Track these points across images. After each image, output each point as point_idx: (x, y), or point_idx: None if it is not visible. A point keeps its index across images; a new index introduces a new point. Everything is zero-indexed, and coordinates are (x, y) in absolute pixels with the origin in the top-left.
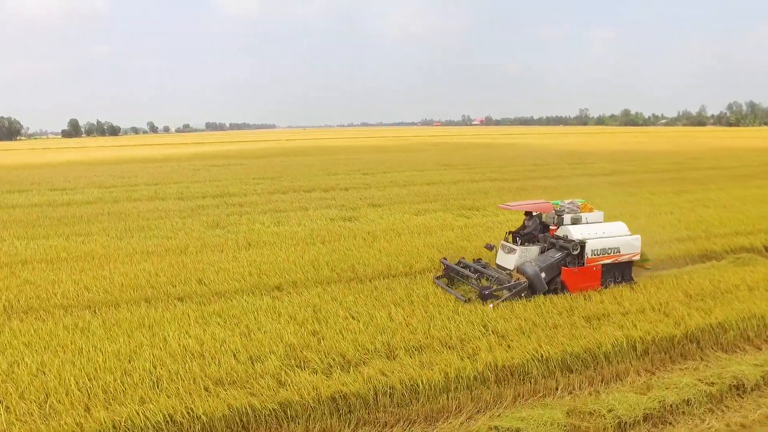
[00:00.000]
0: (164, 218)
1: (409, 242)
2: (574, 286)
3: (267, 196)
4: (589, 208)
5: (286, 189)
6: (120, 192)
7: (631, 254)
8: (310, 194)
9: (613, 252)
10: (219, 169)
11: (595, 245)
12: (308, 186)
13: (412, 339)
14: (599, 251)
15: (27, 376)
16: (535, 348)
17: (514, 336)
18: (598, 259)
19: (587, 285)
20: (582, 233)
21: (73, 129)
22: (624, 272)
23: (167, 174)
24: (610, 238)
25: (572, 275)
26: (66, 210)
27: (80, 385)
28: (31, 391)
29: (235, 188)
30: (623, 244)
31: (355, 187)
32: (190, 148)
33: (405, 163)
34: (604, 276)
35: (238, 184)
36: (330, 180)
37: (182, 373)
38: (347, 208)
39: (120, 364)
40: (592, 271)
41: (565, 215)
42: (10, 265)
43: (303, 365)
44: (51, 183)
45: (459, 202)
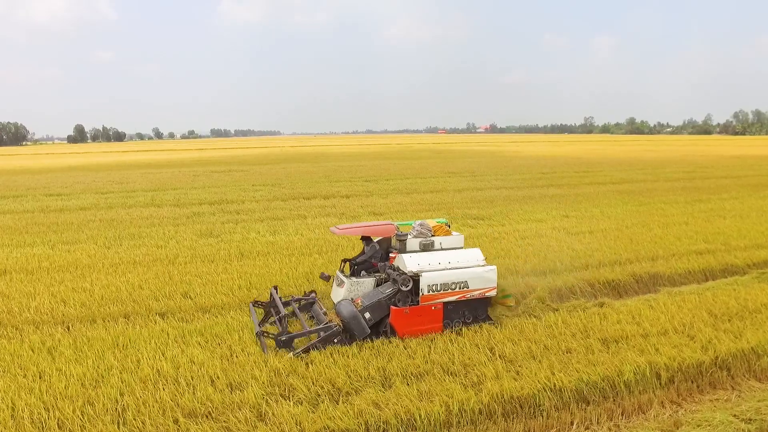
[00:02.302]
0: (157, 226)
1: None
2: (405, 330)
3: (265, 203)
4: (445, 230)
5: (285, 196)
6: (116, 198)
7: (483, 289)
8: (309, 202)
9: (460, 287)
10: (219, 176)
11: (433, 279)
12: (308, 193)
13: (411, 364)
14: (439, 286)
15: None
16: (547, 376)
17: (523, 361)
18: (439, 295)
19: (423, 328)
20: (419, 264)
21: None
22: (477, 311)
23: (166, 180)
24: (454, 270)
25: (402, 317)
26: (57, 216)
27: (34, 417)
28: None
29: (233, 195)
30: (473, 277)
31: (356, 194)
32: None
33: (408, 171)
34: (449, 316)
35: (236, 191)
36: (331, 187)
37: (151, 403)
38: (347, 217)
39: (83, 391)
40: (430, 311)
41: (409, 240)
42: None
43: (288, 394)
44: (47, 188)
45: (463, 211)
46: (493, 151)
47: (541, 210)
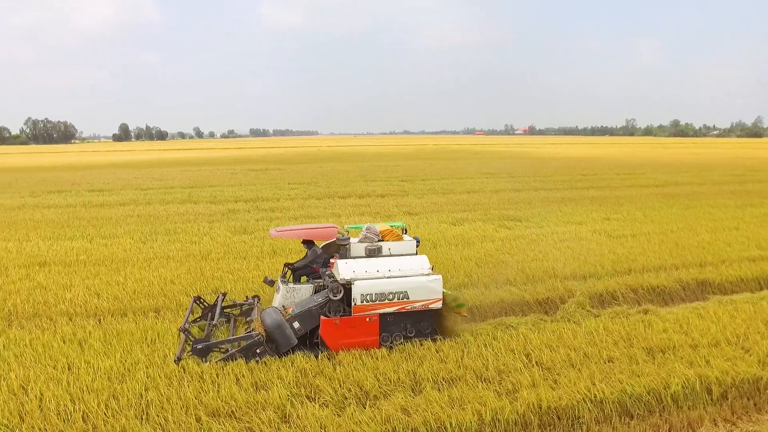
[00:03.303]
0: (192, 222)
1: (445, 254)
2: (335, 342)
3: (300, 202)
4: (396, 235)
5: (320, 195)
6: (154, 194)
7: (426, 301)
8: (344, 201)
9: (398, 298)
10: (256, 174)
11: (367, 288)
12: (343, 192)
13: (442, 369)
14: (374, 296)
15: (6, 394)
16: (587, 386)
17: (561, 369)
18: (374, 306)
19: (356, 341)
20: (354, 271)
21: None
22: (422, 324)
23: (204, 177)
24: (393, 279)
25: (332, 328)
26: (98, 211)
27: (60, 408)
28: (6, 414)
29: (269, 193)
30: (414, 288)
31: (391, 194)
32: (232, 153)
33: (445, 171)
34: (387, 329)
35: (272, 189)
36: (367, 186)
37: (174, 400)
38: (382, 216)
39: (109, 384)
40: (364, 323)
41: (354, 244)
42: (28, 266)
43: (313, 396)
44: (90, 184)
45: (500, 212)
46: (531, 153)
47: (581, 212)
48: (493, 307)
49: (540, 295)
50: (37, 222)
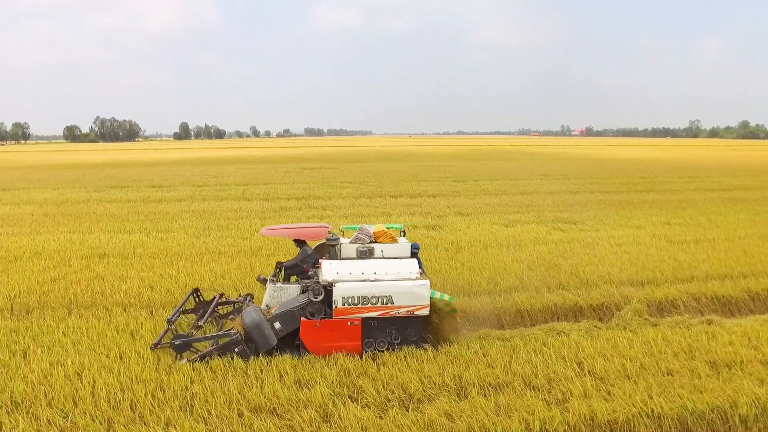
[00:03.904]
0: (245, 218)
1: (496, 256)
2: (316, 345)
3: (351, 200)
4: (390, 237)
5: (372, 194)
6: (210, 191)
7: (412, 307)
8: (395, 200)
9: (382, 302)
10: (309, 172)
11: (349, 290)
12: (395, 192)
13: (489, 374)
14: (356, 299)
15: (62, 379)
16: (643, 399)
17: (616, 380)
18: (355, 310)
19: (337, 345)
20: (338, 272)
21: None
22: (408, 331)
23: (259, 175)
24: (377, 282)
25: (312, 330)
26: (156, 206)
27: (110, 396)
28: (60, 399)
29: (321, 191)
30: (399, 292)
31: (443, 194)
32: (287, 152)
33: (498, 172)
34: (371, 334)
35: (324, 188)
36: (418, 186)
37: (218, 394)
38: (432, 216)
39: (157, 375)
40: (346, 327)
41: (345, 245)
42: (89, 257)
43: (356, 396)
44: (151, 180)
45: (554, 214)
46: (588, 154)
47: (640, 216)
48: (544, 312)
49: (594, 301)
50: (99, 215)
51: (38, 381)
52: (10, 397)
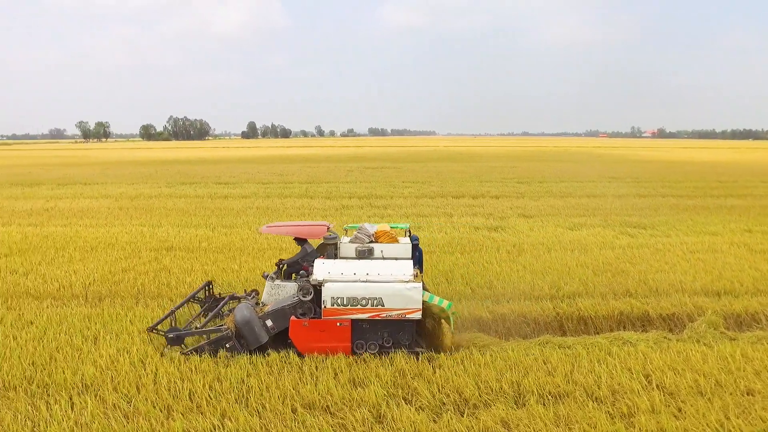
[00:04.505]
0: (307, 216)
1: (560, 259)
2: (304, 345)
3: (413, 200)
4: (390, 237)
5: (433, 194)
6: (274, 188)
7: (403, 310)
8: (457, 200)
9: (372, 304)
10: (372, 172)
11: (338, 291)
12: (457, 192)
13: (549, 382)
14: (346, 300)
15: (127, 365)
16: (719, 420)
17: (687, 397)
18: (345, 311)
19: (326, 345)
20: (329, 272)
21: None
22: (400, 335)
23: (322, 174)
24: (366, 283)
25: (301, 330)
26: (222, 202)
27: (171, 385)
28: (125, 384)
29: (382, 191)
30: (390, 294)
31: (506, 195)
32: (350, 151)
33: (564, 174)
34: (362, 336)
35: (386, 187)
36: (481, 187)
37: (273, 389)
38: (495, 217)
39: (215, 367)
40: (335, 328)
41: (344, 244)
42: (157, 250)
43: (410, 398)
44: (218, 177)
45: (623, 218)
46: (660, 157)
47: (717, 222)
48: (610, 320)
49: (664, 311)
50: (168, 210)
51: (106, 366)
52: (81, 379)
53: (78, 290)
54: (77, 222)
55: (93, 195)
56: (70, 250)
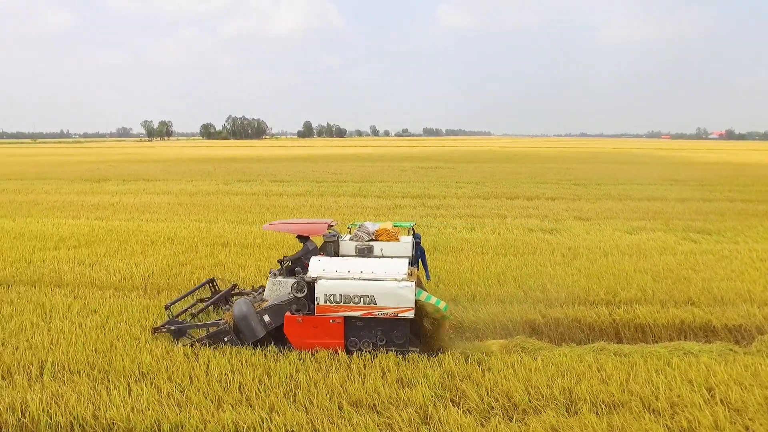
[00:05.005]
0: (359, 214)
1: (617, 264)
2: (298, 340)
3: (466, 201)
4: (390, 235)
5: (487, 195)
6: (328, 187)
7: (395, 309)
8: (512, 202)
9: (365, 302)
10: (425, 171)
11: (331, 288)
12: (511, 193)
13: (603, 390)
14: (338, 297)
15: (181, 356)
16: None
17: (756, 415)
18: (338, 308)
19: (319, 342)
20: (324, 269)
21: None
22: (394, 334)
23: (375, 173)
24: (359, 281)
25: (295, 325)
26: (277, 200)
27: (222, 377)
28: (179, 374)
29: (436, 191)
30: (381, 293)
31: (562, 197)
32: (404, 150)
33: (623, 176)
34: (356, 334)
35: (439, 187)
36: (536, 189)
37: (320, 385)
38: (550, 219)
39: (265, 361)
40: (328, 324)
41: (344, 242)
42: (213, 245)
43: (458, 400)
44: (274, 175)
45: (685, 223)
46: (727, 159)
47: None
48: (669, 329)
49: (730, 321)
50: (225, 206)
51: (162, 356)
52: (138, 368)
53: (138, 282)
54: (139, 216)
55: (155, 191)
56: (132, 243)
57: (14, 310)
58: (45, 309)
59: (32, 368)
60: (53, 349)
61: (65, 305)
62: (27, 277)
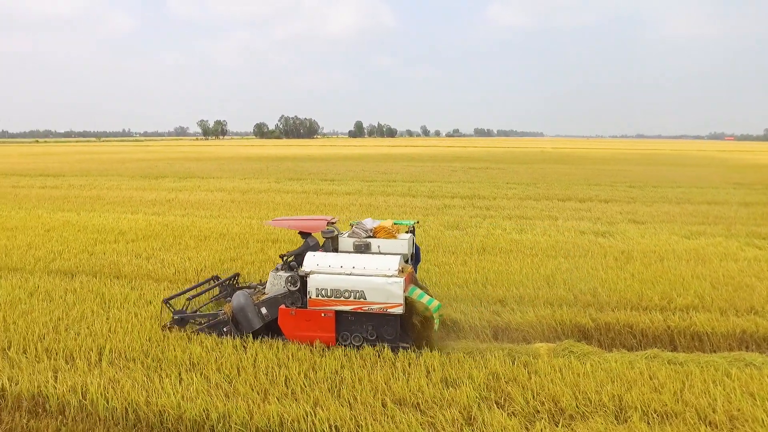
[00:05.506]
0: (408, 214)
1: (673, 269)
2: (291, 333)
3: (517, 202)
4: (388, 232)
5: (538, 196)
6: (377, 186)
7: (384, 304)
8: (563, 203)
9: (355, 297)
10: (476, 172)
11: (323, 282)
12: (563, 195)
13: (655, 399)
14: (329, 292)
15: (230, 348)
16: None
17: None
18: (329, 302)
19: (311, 335)
20: (318, 264)
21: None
22: (384, 329)
23: (425, 173)
24: (349, 276)
25: (288, 318)
26: (326, 198)
27: (268, 369)
28: (227, 366)
29: (486, 191)
30: (371, 288)
31: (616, 200)
32: (454, 151)
33: (682, 178)
34: (348, 328)
35: (490, 188)
36: (589, 191)
37: (365, 381)
38: (603, 222)
39: (311, 356)
40: (320, 318)
41: (343, 239)
42: (263, 241)
43: (503, 402)
44: (324, 174)
45: (749, 228)
46: None
47: None
48: (729, 338)
49: None
50: (276, 204)
51: (211, 347)
52: (189, 358)
53: (191, 275)
54: (193, 212)
55: (209, 188)
56: (186, 238)
57: (77, 299)
58: (104, 298)
59: (92, 354)
60: (111, 337)
61: (123, 295)
62: (89, 267)
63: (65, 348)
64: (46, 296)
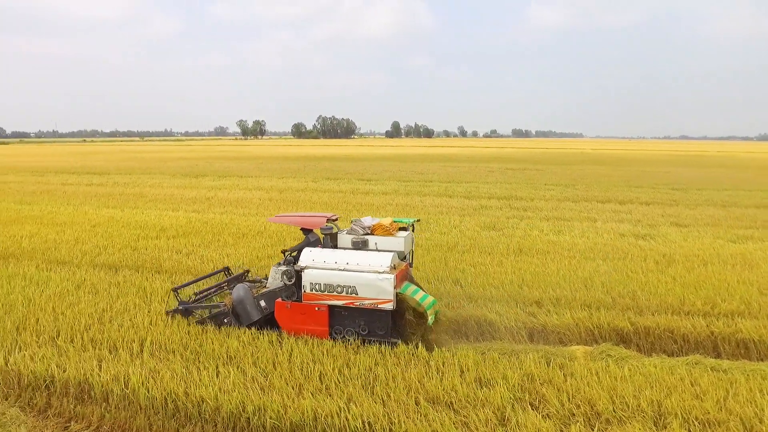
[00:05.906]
0: (445, 214)
1: (717, 274)
2: (287, 325)
3: (555, 203)
4: (385, 230)
5: (577, 198)
6: (414, 186)
7: (375, 300)
8: (603, 205)
9: (347, 292)
10: (513, 173)
11: (316, 277)
12: (603, 197)
13: (697, 407)
14: (323, 286)
15: (266, 343)
16: None
17: None
18: (322, 296)
19: (306, 328)
20: (313, 259)
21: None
22: (376, 325)
23: (462, 173)
24: (341, 271)
25: (284, 311)
26: (363, 198)
27: (303, 365)
28: (263, 360)
29: (523, 192)
30: (362, 284)
31: (658, 202)
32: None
33: (729, 181)
34: (341, 322)
35: (527, 189)
36: (630, 192)
37: (399, 379)
38: (643, 225)
39: (345, 353)
40: (313, 312)
41: (340, 236)
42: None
43: (537, 404)
44: (361, 174)
45: None
46: None
47: None
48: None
49: None
50: (313, 203)
51: (248, 341)
52: (226, 351)
53: None
54: (232, 210)
55: (247, 187)
56: (224, 235)
57: (120, 292)
58: (146, 292)
59: (134, 345)
60: (152, 329)
61: (164, 290)
62: (132, 262)
63: (109, 338)
64: (92, 288)
